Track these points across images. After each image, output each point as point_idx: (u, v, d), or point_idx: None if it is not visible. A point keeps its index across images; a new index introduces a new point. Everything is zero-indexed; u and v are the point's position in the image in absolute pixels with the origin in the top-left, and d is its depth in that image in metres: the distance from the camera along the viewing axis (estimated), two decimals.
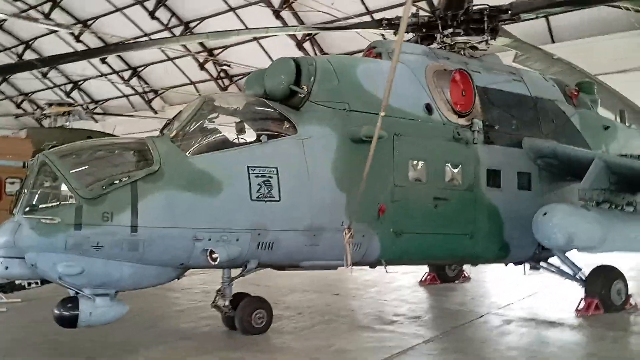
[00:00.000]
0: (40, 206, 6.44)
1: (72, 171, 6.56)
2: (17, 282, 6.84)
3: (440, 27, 9.78)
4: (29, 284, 6.87)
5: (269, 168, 7.32)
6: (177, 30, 30.55)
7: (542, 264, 9.97)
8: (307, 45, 28.00)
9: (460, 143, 8.79)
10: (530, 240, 9.29)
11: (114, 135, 21.73)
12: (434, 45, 9.97)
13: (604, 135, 11.14)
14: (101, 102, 37.16)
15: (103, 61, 34.31)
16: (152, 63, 34.15)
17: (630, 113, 12.83)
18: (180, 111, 8.03)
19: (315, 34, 27.61)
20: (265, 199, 7.20)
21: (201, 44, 30.87)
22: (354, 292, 11.17)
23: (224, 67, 31.94)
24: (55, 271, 6.39)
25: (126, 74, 35.46)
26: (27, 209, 6.41)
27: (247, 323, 7.81)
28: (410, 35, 10.31)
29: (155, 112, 35.52)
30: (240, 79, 32.49)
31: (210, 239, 6.92)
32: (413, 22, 9.99)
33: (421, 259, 8.95)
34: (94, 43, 31.64)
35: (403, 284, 11.94)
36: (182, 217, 6.78)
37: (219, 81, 32.56)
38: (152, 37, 30.43)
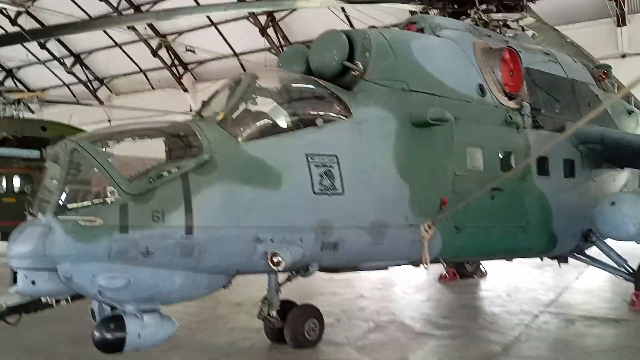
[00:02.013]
0: (75, 205, 5.19)
1: (112, 161, 5.36)
2: (42, 299, 5.53)
3: (476, 2, 9.07)
4: (58, 301, 5.57)
5: (329, 156, 6.33)
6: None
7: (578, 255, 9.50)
8: (270, 31, 26.89)
9: (512, 127, 8.09)
10: (575, 231, 8.81)
11: (73, 127, 19.92)
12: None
13: (629, 121, 10.80)
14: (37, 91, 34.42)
15: (42, 46, 31.78)
16: (98, 49, 31.98)
17: None
18: (217, 91, 6.89)
19: (280, 19, 26.56)
20: (329, 192, 6.20)
21: (153, 29, 29.10)
22: (379, 293, 10.33)
23: (179, 55, 30.33)
24: (95, 285, 5.17)
25: (68, 61, 33.04)
26: (59, 208, 5.15)
27: (301, 335, 6.83)
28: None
29: (101, 102, 33.36)
30: (195, 67, 30.95)
31: (272, 240, 5.85)
32: None
33: (479, 255, 8.24)
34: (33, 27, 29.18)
35: (422, 282, 11.23)
36: (242, 214, 5.69)
37: (174, 69, 30.81)
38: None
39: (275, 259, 5.83)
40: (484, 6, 9.22)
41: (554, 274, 11.71)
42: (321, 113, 6.55)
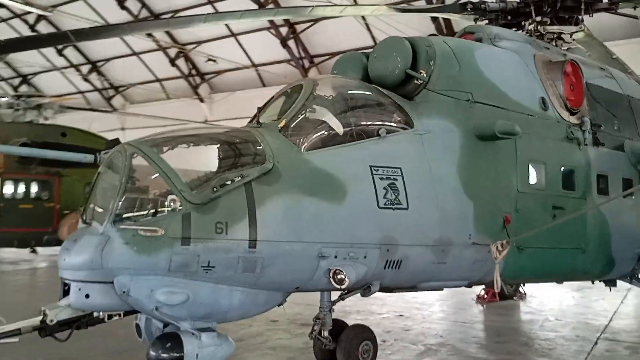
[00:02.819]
0: (134, 214, 4.81)
1: (175, 168, 4.99)
2: (95, 314, 5.12)
3: (533, 13, 8.74)
4: (110, 316, 5.17)
5: (393, 169, 5.94)
6: None
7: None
8: (291, 43, 26.66)
9: (573, 144, 7.70)
10: (632, 254, 8.38)
11: (93, 134, 19.66)
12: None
13: None
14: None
15: (60, 53, 31.65)
16: (115, 57, 31.82)
17: None
18: (272, 97, 6.56)
19: (301, 31, 26.34)
20: (393, 207, 5.81)
21: (172, 38, 28.95)
22: (418, 313, 9.87)
23: (196, 65, 30.14)
24: (153, 300, 4.77)
25: (84, 69, 32.92)
26: (118, 216, 4.77)
27: (355, 358, 6.41)
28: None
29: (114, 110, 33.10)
30: (213, 77, 30.72)
31: (336, 256, 5.46)
32: (500, 8, 8.91)
33: (538, 277, 7.80)
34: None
35: (459, 301, 10.78)
36: (306, 228, 5.29)
37: (190, 79, 30.59)
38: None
39: (338, 277, 5.44)
40: (539, 18, 8.91)
41: (596, 297, 11.23)
42: (383, 123, 6.18)
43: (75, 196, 18.36)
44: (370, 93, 6.38)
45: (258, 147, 5.38)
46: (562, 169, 7.48)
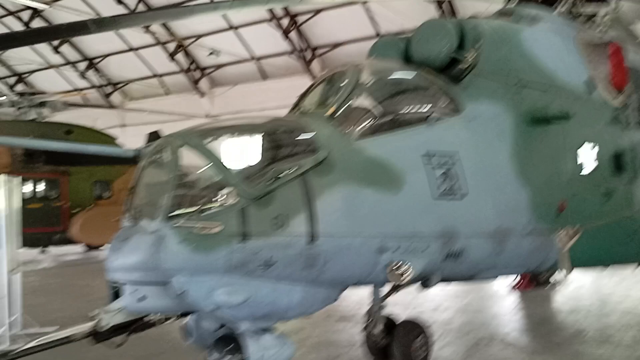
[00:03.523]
0: (188, 210, 4.49)
1: (227, 159, 4.67)
2: (149, 317, 4.81)
3: None
4: (167, 319, 4.85)
5: (446, 156, 5.65)
6: None
7: None
8: (292, 35, 26.28)
9: (619, 127, 7.44)
10: None
11: (98, 131, 19.29)
12: None
13: None
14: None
15: (56, 51, 31.13)
16: (112, 54, 31.33)
17: None
18: (312, 85, 6.24)
19: (302, 23, 25.95)
20: (451, 196, 5.53)
21: (170, 32, 28.48)
22: (454, 304, 9.60)
23: (195, 59, 29.71)
24: (212, 301, 4.48)
25: (80, 66, 32.41)
26: (171, 213, 4.46)
27: (411, 354, 6.16)
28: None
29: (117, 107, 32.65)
30: (213, 71, 30.30)
31: (397, 250, 5.18)
32: None
33: (591, 263, 7.54)
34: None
35: (492, 291, 10.52)
36: (365, 221, 5.00)
37: (190, 73, 30.16)
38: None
39: (399, 271, 5.17)
40: None
41: (630, 283, 11.01)
42: (433, 109, 5.89)
43: (84, 194, 18.05)
44: (417, 77, 6.07)
45: (309, 136, 5.07)
46: (610, 152, 7.21)
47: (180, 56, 29.57)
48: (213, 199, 4.49)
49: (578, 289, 10.80)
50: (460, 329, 7.90)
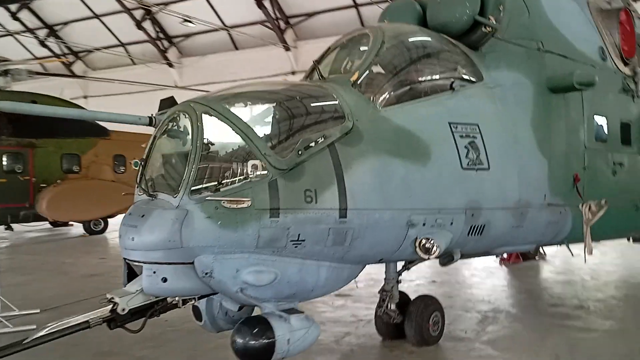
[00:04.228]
0: (214, 183, 4.10)
1: (255, 128, 4.28)
2: (169, 299, 4.41)
3: None
4: (185, 301, 4.47)
5: (471, 125, 5.39)
6: None
7: None
8: (266, 3, 25.46)
9: (629, 96, 7.35)
10: None
11: (66, 101, 18.33)
12: None
13: None
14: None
15: (14, 17, 29.49)
16: (74, 21, 29.86)
17: None
18: (328, 49, 5.84)
19: None
20: (476, 168, 5.29)
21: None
22: (448, 278, 9.47)
23: (164, 27, 28.61)
24: (238, 281, 4.14)
25: (40, 33, 30.83)
26: (195, 187, 4.06)
27: (427, 331, 5.97)
28: None
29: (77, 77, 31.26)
30: (182, 40, 29.25)
31: (424, 224, 4.92)
32: None
33: (602, 236, 7.44)
34: None
35: (482, 264, 10.44)
36: (395, 194, 4.71)
37: (158, 42, 29.05)
38: None
39: (426, 246, 4.92)
40: None
41: (612, 256, 11.10)
42: (456, 76, 5.61)
43: (52, 168, 17.21)
44: (440, 42, 5.75)
45: (335, 104, 4.72)
46: (620, 122, 7.12)
47: (148, 24, 28.37)
48: (240, 171, 4.12)
49: (565, 261, 10.84)
50: (464, 303, 7.76)
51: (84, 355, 5.85)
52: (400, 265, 6.12)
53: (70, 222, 20.10)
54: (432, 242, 4.89)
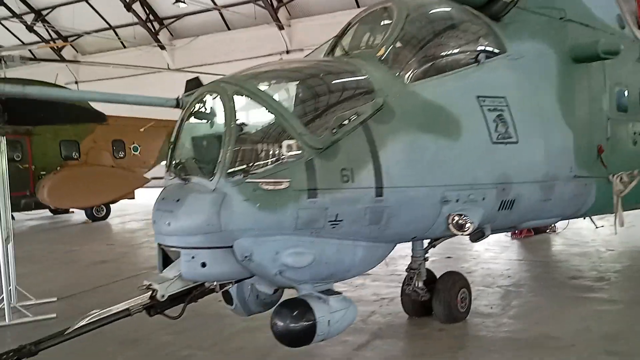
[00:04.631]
0: (251, 164, 3.99)
1: (289, 107, 4.17)
2: (207, 284, 4.32)
3: None
4: (222, 285, 4.38)
5: (498, 98, 5.30)
6: None
7: None
8: None
9: None
10: None
11: (59, 86, 18.01)
12: None
13: None
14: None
15: (0, 2, 28.90)
16: (62, 4, 29.34)
17: None
18: (349, 24, 5.69)
19: None
20: (505, 141, 5.21)
21: None
22: (463, 254, 9.44)
23: (154, 8, 28.15)
24: (278, 263, 4.06)
25: (27, 18, 30.27)
26: (231, 169, 3.96)
27: (455, 307, 5.94)
28: None
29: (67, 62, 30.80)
30: (173, 21, 28.82)
31: (457, 200, 4.85)
32: None
33: (626, 207, 7.41)
34: None
35: (497, 240, 10.43)
36: (428, 171, 4.63)
37: (149, 24, 28.61)
38: None
39: (460, 222, 4.86)
40: None
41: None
42: (480, 48, 5.50)
43: (51, 156, 16.99)
44: (463, 14, 5.62)
45: (365, 80, 4.61)
46: (639, 91, 7.05)
47: (137, 6, 27.91)
48: (276, 152, 4.02)
49: (576, 232, 10.85)
50: (483, 278, 7.74)
51: (110, 343, 5.78)
52: (426, 242, 6.06)
53: (71, 209, 19.92)
54: (465, 218, 4.84)
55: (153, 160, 19.14)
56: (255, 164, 3.96)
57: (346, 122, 4.26)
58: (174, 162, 4.34)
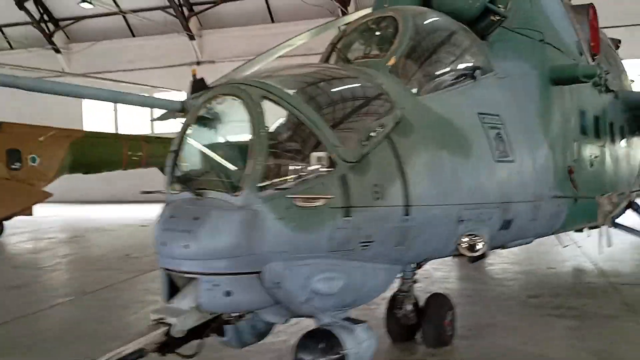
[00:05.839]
0: (280, 179, 3.51)
1: (320, 114, 3.74)
2: (224, 316, 3.68)
3: None
4: (241, 316, 3.78)
5: (494, 116, 5.23)
6: None
7: None
8: None
9: (598, 90, 7.63)
10: None
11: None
12: None
13: None
14: None
15: None
16: None
17: None
18: (345, 30, 5.37)
19: None
20: (505, 160, 5.13)
21: None
22: (420, 274, 9.27)
23: (49, 8, 26.10)
24: (307, 290, 3.60)
25: None
26: (263, 182, 3.46)
27: (444, 331, 5.71)
28: None
29: None
30: (70, 24, 26.85)
31: (470, 219, 4.66)
32: None
33: (585, 225, 7.62)
34: None
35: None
36: (447, 189, 4.38)
37: (42, 25, 26.45)
38: None
39: (472, 243, 4.67)
40: None
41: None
42: (475, 65, 5.42)
43: None
44: (459, 29, 5.51)
45: (383, 90, 4.31)
46: (594, 115, 7.38)
47: (30, 4, 25.72)
48: (308, 165, 3.58)
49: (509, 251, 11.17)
50: (461, 297, 7.60)
51: None
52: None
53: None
54: (476, 238, 4.65)
55: (53, 173, 17.41)
56: (288, 177, 3.50)
57: (373, 134, 3.93)
58: (179, 174, 3.76)
